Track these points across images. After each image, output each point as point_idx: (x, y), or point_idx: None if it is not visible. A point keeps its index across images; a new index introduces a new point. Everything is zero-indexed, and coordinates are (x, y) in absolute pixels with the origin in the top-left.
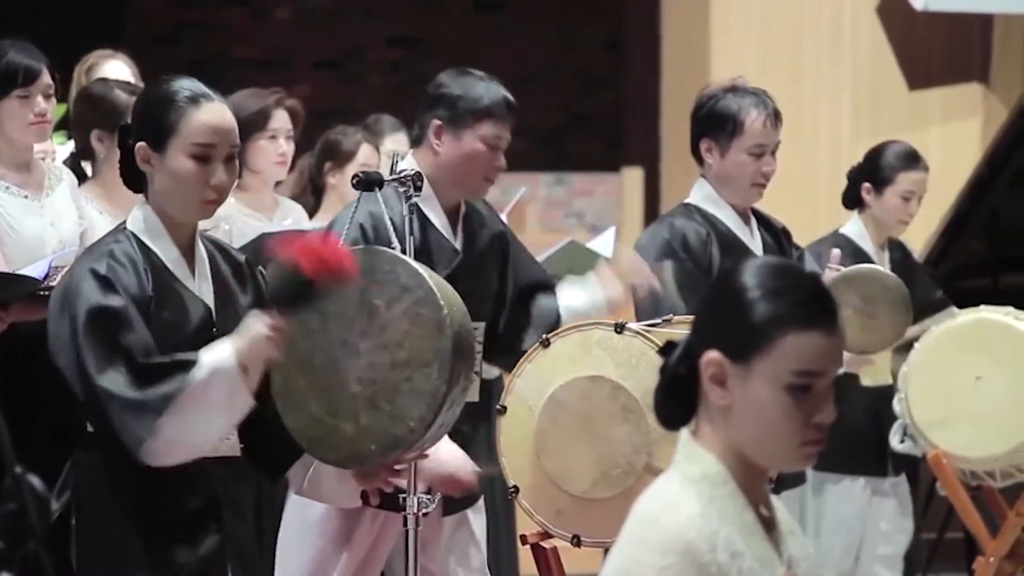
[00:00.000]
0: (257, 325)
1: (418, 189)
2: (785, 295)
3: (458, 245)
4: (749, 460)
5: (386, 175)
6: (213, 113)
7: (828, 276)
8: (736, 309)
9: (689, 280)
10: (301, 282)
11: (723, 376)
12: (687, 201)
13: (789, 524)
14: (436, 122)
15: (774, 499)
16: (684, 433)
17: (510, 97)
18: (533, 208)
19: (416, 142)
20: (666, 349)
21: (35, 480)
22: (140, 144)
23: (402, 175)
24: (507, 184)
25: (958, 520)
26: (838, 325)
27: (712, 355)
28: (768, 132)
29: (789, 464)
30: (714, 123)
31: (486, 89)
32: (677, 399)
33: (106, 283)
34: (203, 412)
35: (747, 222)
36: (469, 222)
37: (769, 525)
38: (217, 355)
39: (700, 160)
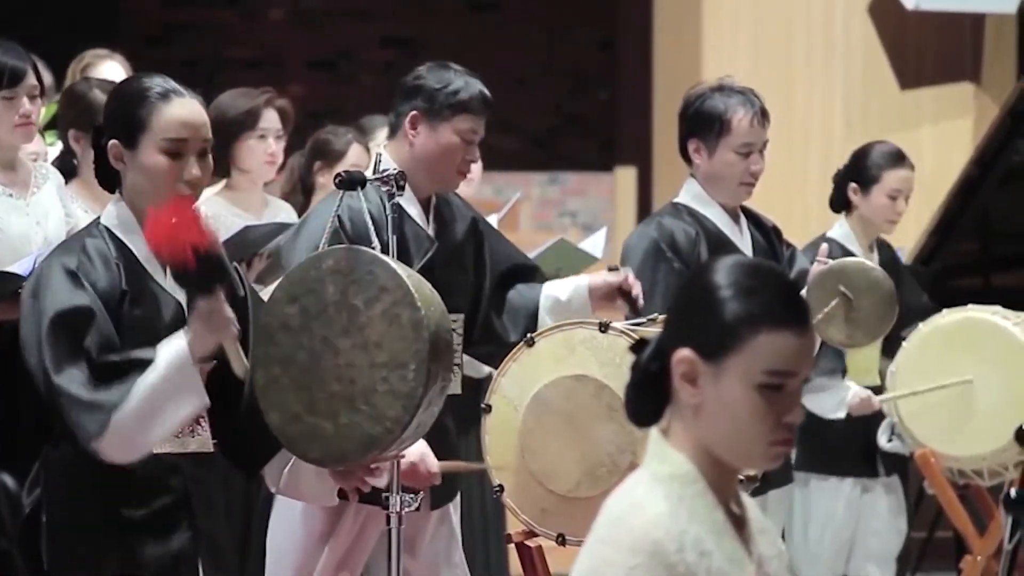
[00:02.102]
0: (199, 314)
1: (401, 188)
2: (757, 294)
3: (432, 234)
4: (719, 458)
5: (368, 174)
6: (184, 108)
7: (815, 269)
8: (708, 308)
9: (676, 280)
10: (189, 269)
11: (694, 374)
12: (676, 200)
13: (760, 522)
14: (413, 113)
15: (745, 497)
16: (654, 432)
17: (487, 92)
18: (526, 207)
19: (392, 133)
20: (638, 346)
21: (7, 479)
22: (112, 142)
23: (385, 175)
24: (500, 184)
25: (947, 519)
26: (810, 325)
27: (683, 353)
28: (755, 131)
29: (757, 463)
30: (701, 123)
31: (464, 83)
32: (648, 397)
33: (74, 279)
34: (157, 409)
35: (736, 221)
36: (440, 211)
37: (739, 524)
38: (171, 349)
39: (688, 160)
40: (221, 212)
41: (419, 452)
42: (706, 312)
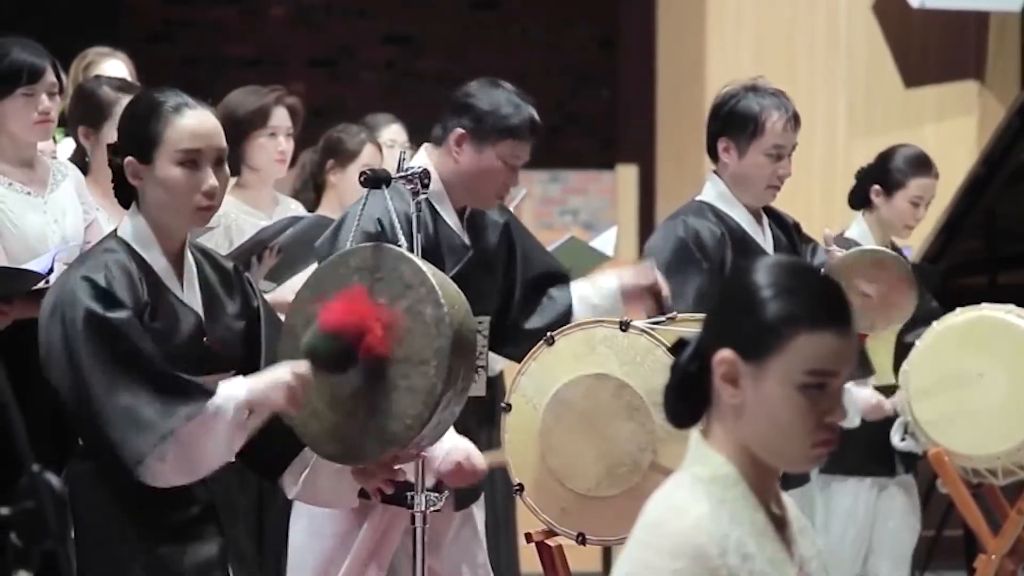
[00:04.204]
0: (282, 372)
1: (425, 187)
2: (798, 294)
3: (467, 241)
4: (760, 460)
5: (391, 171)
6: (196, 119)
7: (829, 260)
8: (749, 308)
9: (704, 279)
10: (343, 349)
11: (735, 375)
12: (699, 198)
13: (800, 522)
14: (459, 130)
15: (785, 498)
16: (694, 434)
17: (536, 117)
18: (528, 205)
19: (436, 142)
20: (677, 347)
21: (53, 478)
22: (128, 159)
23: (409, 173)
24: None
25: (957, 517)
26: (851, 324)
27: (724, 354)
28: (787, 135)
29: (799, 464)
30: (734, 123)
31: (514, 108)
32: (687, 398)
33: (107, 296)
34: (206, 443)
35: (759, 220)
36: (475, 218)
37: (780, 525)
38: (232, 390)
39: (715, 158)
40: (231, 211)
41: (464, 450)
42: (747, 313)
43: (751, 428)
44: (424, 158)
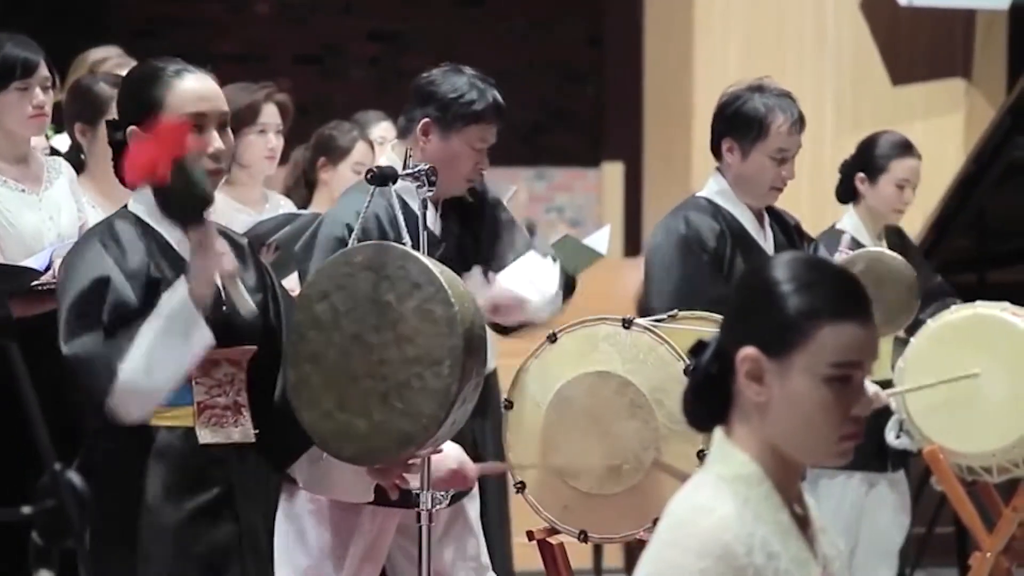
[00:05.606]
0: (192, 246)
1: (432, 183)
2: (818, 287)
3: (439, 233)
4: (785, 458)
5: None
6: (199, 82)
7: (837, 260)
8: (770, 304)
9: (704, 275)
10: (167, 186)
11: (760, 372)
12: (701, 194)
13: (820, 522)
14: (425, 120)
15: (807, 497)
16: (718, 433)
17: (500, 99)
18: (514, 203)
19: (402, 134)
20: (696, 349)
21: (74, 476)
22: (131, 129)
23: (416, 170)
24: (490, 179)
25: (948, 514)
26: (872, 316)
27: (748, 351)
28: (792, 138)
29: (826, 459)
30: (739, 124)
31: (478, 93)
32: (707, 400)
33: (97, 255)
34: (160, 352)
35: (760, 220)
36: (453, 210)
37: (803, 524)
38: (171, 293)
39: (719, 156)
40: (221, 208)
41: (457, 458)
42: (768, 309)
43: (778, 425)
44: (392, 156)
